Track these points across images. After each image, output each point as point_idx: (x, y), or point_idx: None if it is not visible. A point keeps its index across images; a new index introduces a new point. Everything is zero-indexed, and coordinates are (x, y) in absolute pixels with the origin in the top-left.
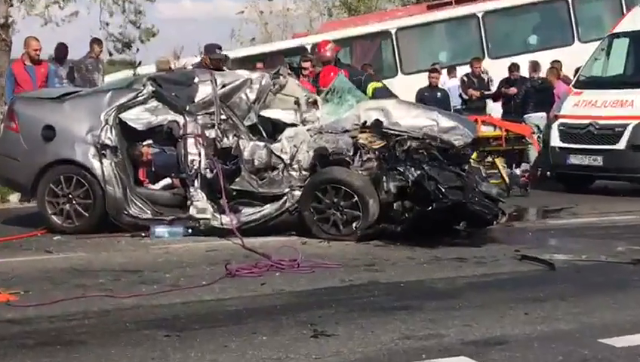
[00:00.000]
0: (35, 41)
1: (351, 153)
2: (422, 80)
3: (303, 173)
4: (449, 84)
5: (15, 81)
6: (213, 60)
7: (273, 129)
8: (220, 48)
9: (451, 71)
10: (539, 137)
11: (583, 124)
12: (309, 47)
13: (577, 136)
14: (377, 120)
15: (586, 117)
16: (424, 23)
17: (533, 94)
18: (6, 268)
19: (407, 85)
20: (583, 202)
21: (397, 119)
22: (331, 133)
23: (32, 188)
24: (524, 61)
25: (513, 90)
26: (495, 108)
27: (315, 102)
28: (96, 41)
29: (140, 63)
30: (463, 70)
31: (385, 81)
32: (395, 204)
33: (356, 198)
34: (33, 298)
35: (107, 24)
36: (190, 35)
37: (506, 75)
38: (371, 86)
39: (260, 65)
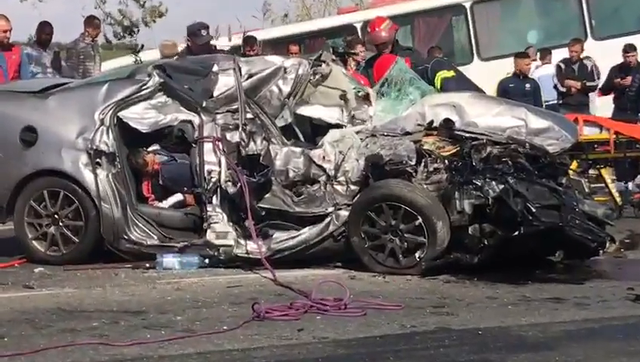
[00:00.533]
0: (3, 20)
1: (413, 162)
2: (505, 67)
3: (352, 187)
4: (540, 72)
5: None
6: (200, 46)
7: (313, 131)
8: (206, 28)
9: (544, 56)
10: None
11: None
12: (358, 26)
13: None
14: (447, 119)
15: None
16: None
17: None
18: None
19: (485, 74)
20: None
21: (473, 118)
22: (388, 135)
23: (7, 206)
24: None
25: (628, 79)
26: (602, 104)
27: (366, 97)
28: (91, 20)
29: (142, 47)
30: (560, 55)
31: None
32: (470, 228)
33: (420, 220)
34: (9, 345)
35: (104, 1)
36: (208, 13)
37: (615, 61)
38: (440, 75)
39: (295, 48)
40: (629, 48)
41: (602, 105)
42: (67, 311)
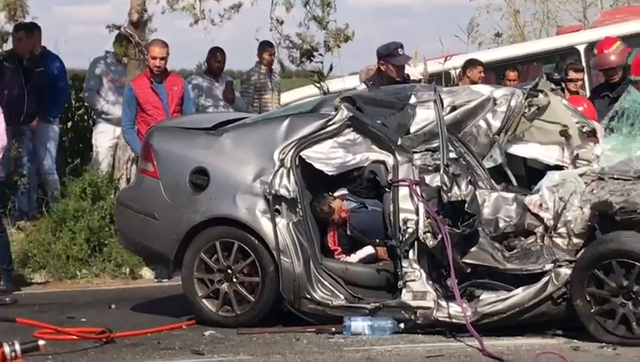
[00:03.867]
0: (158, 47)
1: None
2: None
3: (574, 240)
4: None
5: (138, 106)
6: (398, 68)
7: (528, 174)
8: (401, 48)
9: None
10: None
11: None
12: (581, 49)
13: None
14: None
15: None
16: None
17: None
18: None
19: None
20: None
21: None
22: (619, 179)
23: (174, 259)
24: None
25: None
26: None
27: (592, 133)
28: (265, 46)
29: (331, 68)
30: None
31: None
32: None
33: None
34: None
35: (281, 22)
36: (401, 32)
37: None
38: None
39: (513, 75)
40: None
41: None
42: None
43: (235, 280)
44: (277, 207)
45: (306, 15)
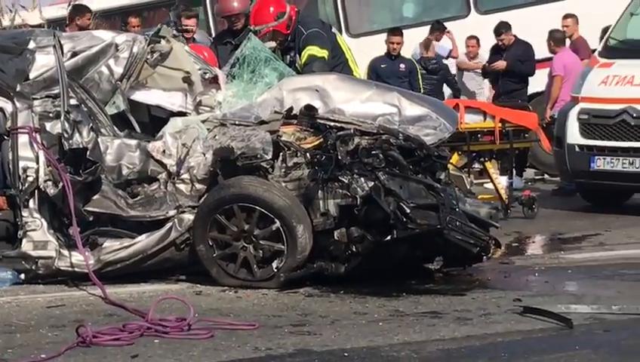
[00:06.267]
0: None
1: (269, 156)
2: (378, 45)
3: (197, 186)
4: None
5: None
6: None
7: (152, 120)
8: None
9: (434, 31)
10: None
11: (614, 111)
12: None
13: (606, 128)
14: (309, 105)
15: (618, 100)
16: None
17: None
18: None
19: (354, 53)
20: (616, 226)
21: (339, 104)
22: (240, 125)
23: None
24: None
25: (501, 64)
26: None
27: (214, 80)
28: None
29: None
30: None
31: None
32: (336, 233)
33: (278, 224)
34: None
35: None
36: None
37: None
38: (308, 51)
39: (135, 21)
40: (502, 27)
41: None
42: None
43: None
44: None
45: None
